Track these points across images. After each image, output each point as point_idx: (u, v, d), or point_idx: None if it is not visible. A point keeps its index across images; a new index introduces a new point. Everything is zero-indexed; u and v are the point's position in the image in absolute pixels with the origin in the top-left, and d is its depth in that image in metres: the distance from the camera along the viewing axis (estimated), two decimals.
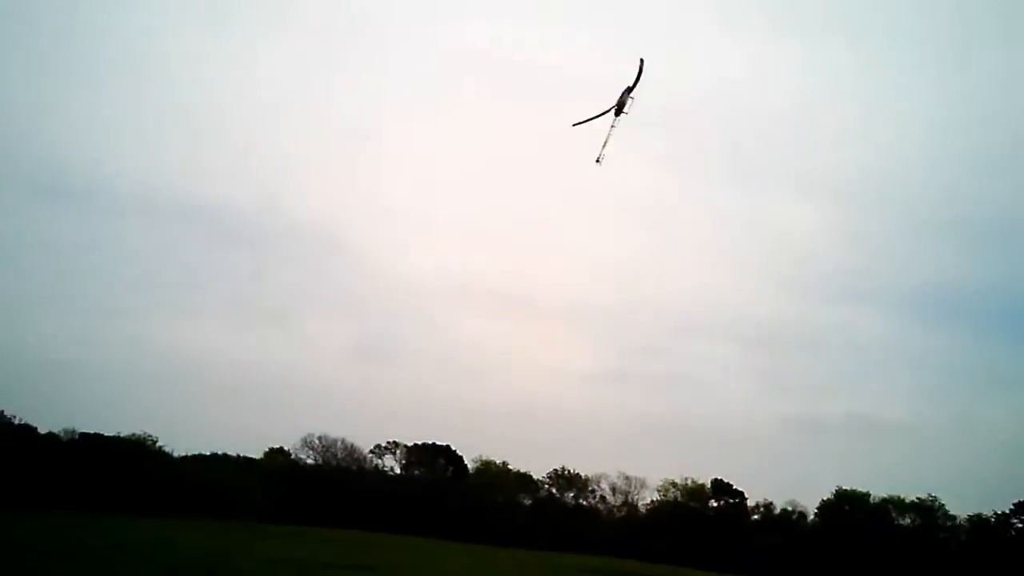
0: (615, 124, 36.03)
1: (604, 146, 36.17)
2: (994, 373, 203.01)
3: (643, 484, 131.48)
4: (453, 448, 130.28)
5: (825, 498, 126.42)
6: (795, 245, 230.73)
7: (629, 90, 35.79)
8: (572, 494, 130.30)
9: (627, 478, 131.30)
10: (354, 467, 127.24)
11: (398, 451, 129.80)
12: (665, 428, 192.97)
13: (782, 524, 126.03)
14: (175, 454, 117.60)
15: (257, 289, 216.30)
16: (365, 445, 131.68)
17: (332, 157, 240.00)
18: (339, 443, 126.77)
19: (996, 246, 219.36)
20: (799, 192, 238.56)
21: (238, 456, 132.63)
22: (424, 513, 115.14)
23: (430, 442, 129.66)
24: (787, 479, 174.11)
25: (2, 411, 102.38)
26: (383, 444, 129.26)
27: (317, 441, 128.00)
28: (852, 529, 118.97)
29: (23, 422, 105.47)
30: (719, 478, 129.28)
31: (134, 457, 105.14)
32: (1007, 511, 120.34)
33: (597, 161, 36.43)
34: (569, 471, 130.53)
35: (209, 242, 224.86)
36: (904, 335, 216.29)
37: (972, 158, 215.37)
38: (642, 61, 35.47)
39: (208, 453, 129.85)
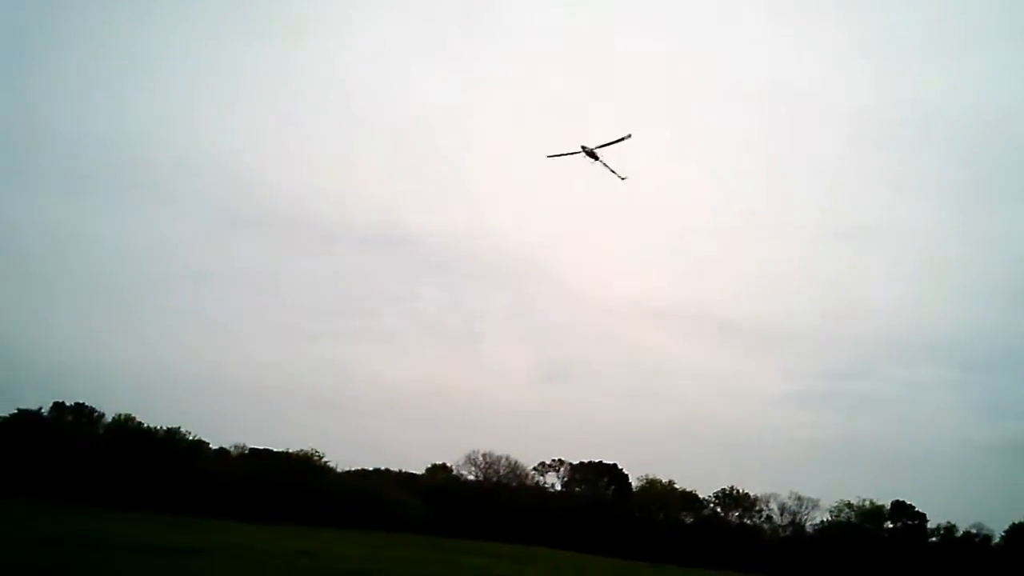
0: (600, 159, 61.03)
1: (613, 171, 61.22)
2: None
3: (815, 504, 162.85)
4: (619, 467, 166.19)
5: (1016, 521, 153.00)
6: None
7: (604, 145, 59.89)
8: (737, 513, 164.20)
9: (799, 498, 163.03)
10: (515, 483, 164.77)
11: (562, 469, 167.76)
12: (849, 449, 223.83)
13: (963, 546, 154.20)
14: (338, 469, 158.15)
15: (447, 314, 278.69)
16: (530, 463, 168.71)
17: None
18: (503, 460, 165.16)
19: None
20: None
21: (399, 471, 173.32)
22: (583, 529, 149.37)
23: (596, 460, 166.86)
24: (975, 502, 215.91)
25: (179, 427, 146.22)
26: (547, 462, 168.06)
27: (481, 458, 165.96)
28: None
29: (197, 438, 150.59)
30: (901, 500, 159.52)
31: (299, 471, 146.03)
32: None
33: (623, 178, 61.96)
34: (737, 490, 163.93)
35: (408, 267, 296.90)
36: None
37: None
38: (629, 136, 59.85)
39: (371, 468, 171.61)
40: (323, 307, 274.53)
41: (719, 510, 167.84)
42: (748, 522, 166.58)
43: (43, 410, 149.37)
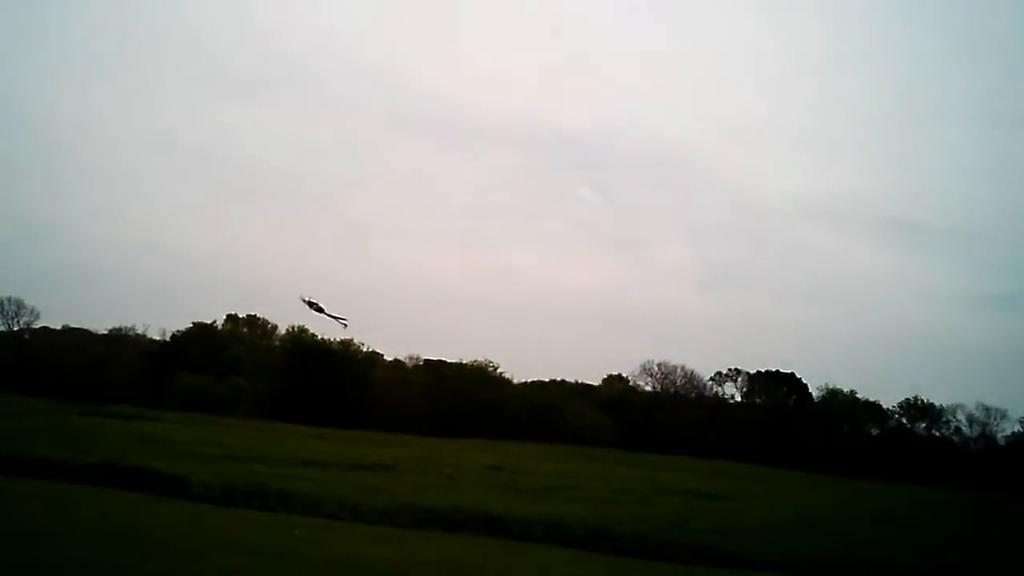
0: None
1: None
2: None
3: (1004, 415, 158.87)
4: (797, 376, 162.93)
5: None
6: None
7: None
8: (924, 425, 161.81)
9: (986, 409, 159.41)
10: (693, 394, 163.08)
11: (739, 378, 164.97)
12: None
13: None
14: (515, 380, 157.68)
15: (606, 216, 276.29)
16: (705, 372, 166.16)
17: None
18: (679, 370, 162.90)
19: None
20: None
21: (576, 382, 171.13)
22: (765, 442, 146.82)
23: (773, 369, 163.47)
24: None
25: (352, 339, 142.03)
26: (724, 371, 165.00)
27: (656, 368, 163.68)
28: None
29: (371, 350, 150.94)
30: None
31: (475, 382, 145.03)
32: None
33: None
34: (922, 401, 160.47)
35: (558, 168, 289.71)
36: None
37: None
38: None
39: (547, 380, 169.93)
40: (488, 210, 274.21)
41: (904, 421, 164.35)
42: (936, 434, 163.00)
43: (216, 323, 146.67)
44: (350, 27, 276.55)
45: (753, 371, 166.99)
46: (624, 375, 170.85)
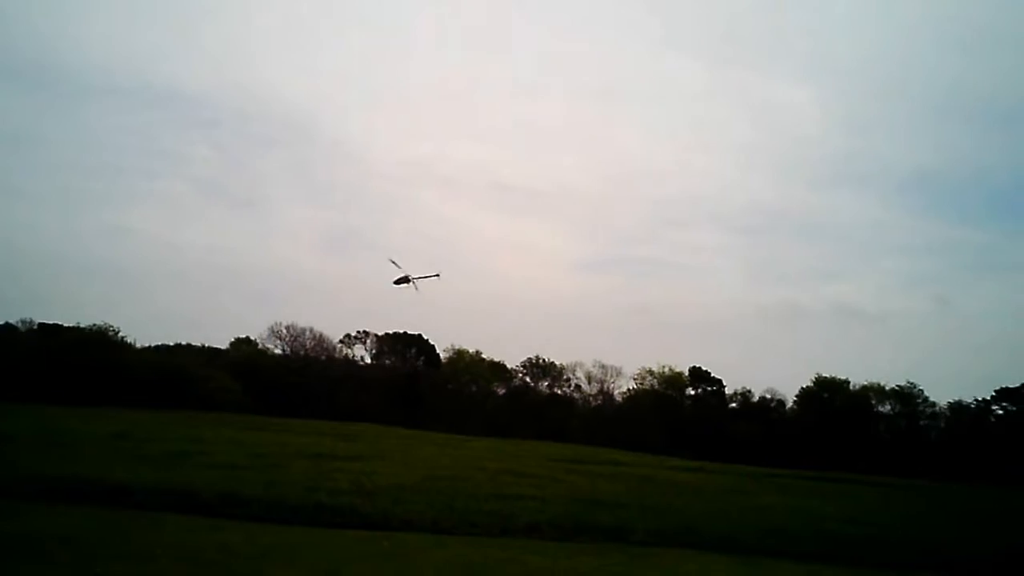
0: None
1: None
2: (979, 259, 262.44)
3: (619, 373, 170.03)
4: (425, 337, 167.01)
5: (805, 386, 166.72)
6: (790, 127, 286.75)
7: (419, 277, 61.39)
8: (547, 383, 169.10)
9: (603, 366, 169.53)
10: (323, 357, 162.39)
11: (368, 340, 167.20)
12: (645, 317, 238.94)
13: (760, 411, 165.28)
14: (137, 344, 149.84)
15: (230, 176, 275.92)
16: (335, 335, 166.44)
17: (307, 36, 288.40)
18: (308, 332, 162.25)
19: (988, 132, 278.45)
20: (797, 73, 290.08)
21: (203, 346, 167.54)
22: (395, 403, 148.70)
23: (401, 331, 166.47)
24: (767, 367, 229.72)
25: None
26: (353, 334, 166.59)
27: (285, 330, 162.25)
28: (831, 416, 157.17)
29: None
30: (697, 366, 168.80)
31: (95, 347, 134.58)
32: (988, 398, 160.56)
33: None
34: (544, 360, 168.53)
35: (176, 127, 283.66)
36: (893, 221, 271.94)
37: (978, 44, 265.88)
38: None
39: (172, 344, 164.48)
40: (96, 167, 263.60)
41: (528, 380, 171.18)
42: (558, 392, 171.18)
43: None
44: None
45: (382, 333, 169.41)
46: (253, 338, 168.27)
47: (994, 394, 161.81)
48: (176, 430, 77.36)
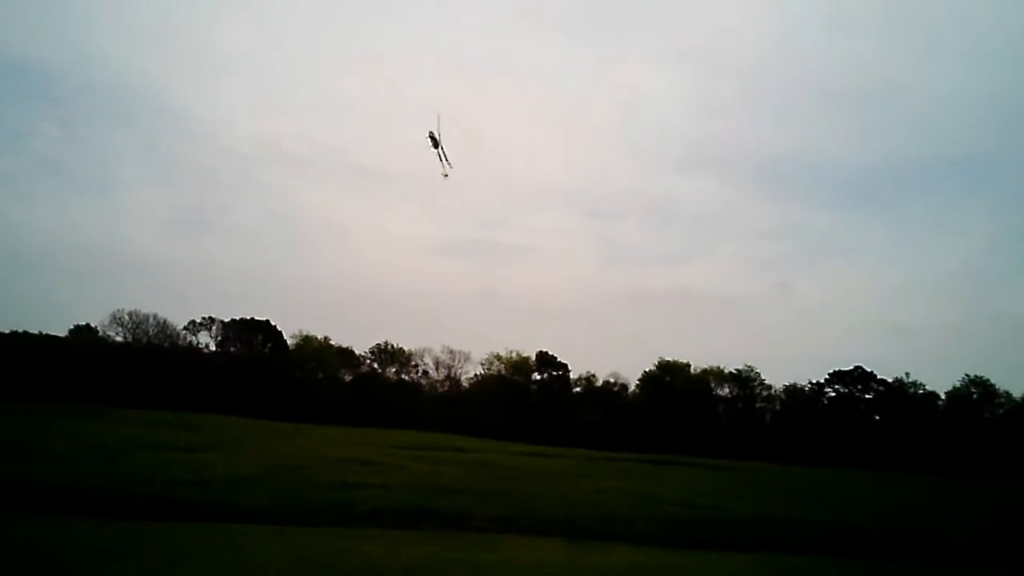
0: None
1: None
2: (820, 244, 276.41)
3: (467, 358, 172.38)
4: (272, 323, 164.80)
5: (647, 370, 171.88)
6: (646, 110, 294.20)
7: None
8: (394, 369, 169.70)
9: (451, 352, 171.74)
10: (167, 344, 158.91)
11: (214, 327, 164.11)
12: (497, 301, 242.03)
13: (604, 396, 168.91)
14: None
15: (67, 152, 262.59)
16: (179, 321, 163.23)
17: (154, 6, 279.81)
18: (151, 319, 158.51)
19: (838, 118, 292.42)
20: (653, 53, 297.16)
21: (40, 333, 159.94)
22: (242, 391, 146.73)
23: (248, 317, 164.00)
24: (615, 352, 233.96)
25: None
26: (198, 320, 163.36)
27: (127, 317, 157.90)
28: (672, 400, 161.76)
29: None
30: (544, 350, 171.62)
31: None
32: (822, 380, 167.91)
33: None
34: (392, 345, 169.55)
35: (18, 100, 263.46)
36: (742, 206, 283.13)
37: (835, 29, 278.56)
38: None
39: (6, 331, 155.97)
40: None
41: (376, 366, 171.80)
42: (406, 378, 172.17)
43: None
44: None
45: (228, 319, 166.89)
46: (93, 325, 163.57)
47: (828, 377, 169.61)
48: (8, 422, 76.05)
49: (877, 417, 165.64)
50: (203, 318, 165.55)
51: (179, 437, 69.26)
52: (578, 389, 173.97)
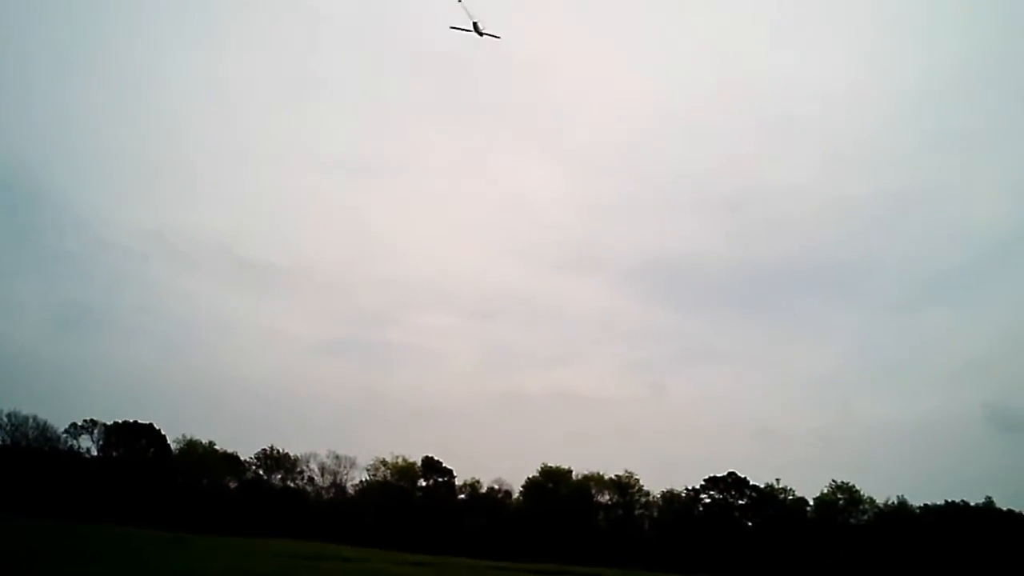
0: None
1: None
2: (695, 347, 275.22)
3: (353, 463, 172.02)
4: (156, 427, 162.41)
5: (531, 476, 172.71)
6: (529, 208, 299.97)
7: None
8: (280, 476, 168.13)
9: (336, 457, 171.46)
10: (46, 447, 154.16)
11: (96, 430, 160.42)
12: (383, 403, 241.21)
13: (489, 503, 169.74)
14: None
15: None
16: (60, 423, 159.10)
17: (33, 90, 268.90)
18: (30, 421, 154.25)
19: (715, 222, 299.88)
20: (537, 153, 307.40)
21: None
22: (125, 499, 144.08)
23: (131, 420, 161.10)
24: (499, 456, 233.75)
25: None
26: (79, 423, 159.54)
27: (5, 419, 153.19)
28: (555, 507, 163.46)
29: None
30: (430, 456, 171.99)
31: None
32: (698, 486, 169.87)
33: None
34: (278, 451, 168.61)
35: None
36: (619, 308, 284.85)
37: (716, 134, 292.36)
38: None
39: None
40: None
41: (262, 472, 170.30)
42: (292, 484, 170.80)
43: None
44: None
45: (110, 422, 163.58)
46: None
47: (703, 483, 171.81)
48: None
49: (750, 523, 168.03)
50: (84, 421, 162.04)
51: (55, 550, 67.89)
52: (463, 496, 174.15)
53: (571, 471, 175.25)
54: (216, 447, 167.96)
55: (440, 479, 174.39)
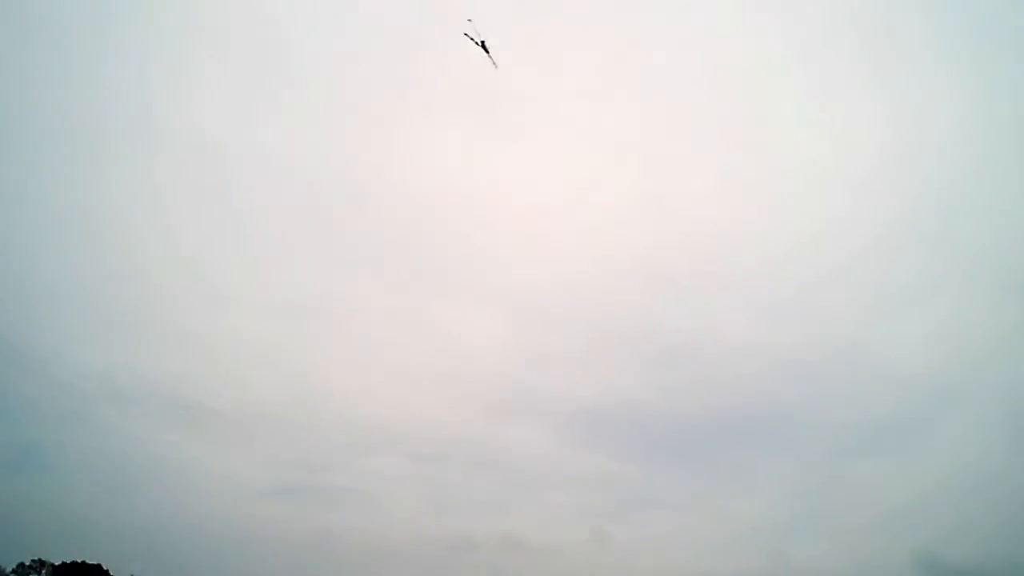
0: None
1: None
2: (634, 495, 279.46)
3: None
4: (104, 567, 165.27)
5: None
6: (471, 354, 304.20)
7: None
8: None
9: None
10: None
11: (44, 570, 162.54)
12: (331, 546, 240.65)
13: None
14: None
15: None
16: (8, 563, 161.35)
17: None
18: None
19: (653, 372, 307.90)
20: (478, 299, 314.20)
21: None
22: None
23: (79, 560, 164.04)
24: None
25: None
26: (27, 563, 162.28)
27: None
28: None
29: None
30: None
31: None
32: None
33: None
34: None
35: None
36: (560, 454, 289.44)
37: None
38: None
39: None
40: None
41: None
42: None
43: None
44: None
45: (58, 562, 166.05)
46: None
47: None
48: None
49: None
50: (32, 561, 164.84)
51: None
52: None
53: None
54: None
55: None
